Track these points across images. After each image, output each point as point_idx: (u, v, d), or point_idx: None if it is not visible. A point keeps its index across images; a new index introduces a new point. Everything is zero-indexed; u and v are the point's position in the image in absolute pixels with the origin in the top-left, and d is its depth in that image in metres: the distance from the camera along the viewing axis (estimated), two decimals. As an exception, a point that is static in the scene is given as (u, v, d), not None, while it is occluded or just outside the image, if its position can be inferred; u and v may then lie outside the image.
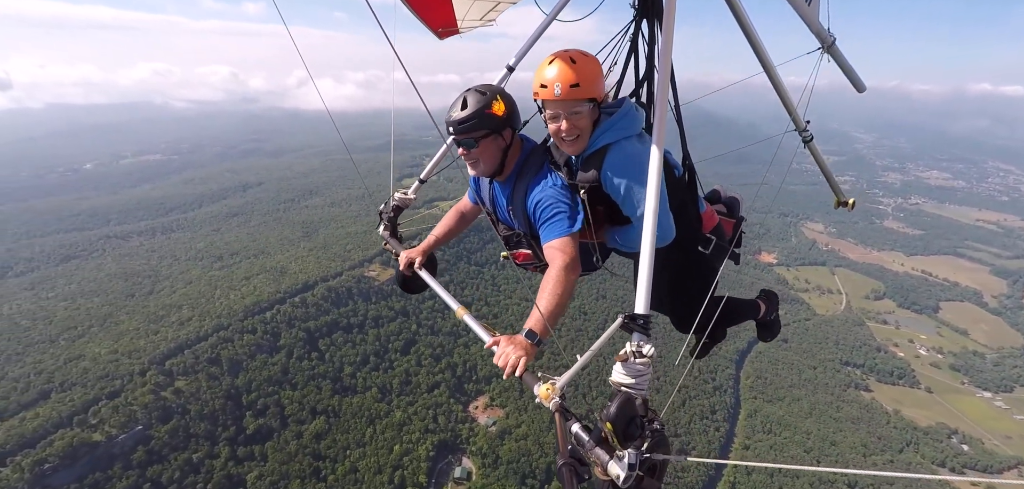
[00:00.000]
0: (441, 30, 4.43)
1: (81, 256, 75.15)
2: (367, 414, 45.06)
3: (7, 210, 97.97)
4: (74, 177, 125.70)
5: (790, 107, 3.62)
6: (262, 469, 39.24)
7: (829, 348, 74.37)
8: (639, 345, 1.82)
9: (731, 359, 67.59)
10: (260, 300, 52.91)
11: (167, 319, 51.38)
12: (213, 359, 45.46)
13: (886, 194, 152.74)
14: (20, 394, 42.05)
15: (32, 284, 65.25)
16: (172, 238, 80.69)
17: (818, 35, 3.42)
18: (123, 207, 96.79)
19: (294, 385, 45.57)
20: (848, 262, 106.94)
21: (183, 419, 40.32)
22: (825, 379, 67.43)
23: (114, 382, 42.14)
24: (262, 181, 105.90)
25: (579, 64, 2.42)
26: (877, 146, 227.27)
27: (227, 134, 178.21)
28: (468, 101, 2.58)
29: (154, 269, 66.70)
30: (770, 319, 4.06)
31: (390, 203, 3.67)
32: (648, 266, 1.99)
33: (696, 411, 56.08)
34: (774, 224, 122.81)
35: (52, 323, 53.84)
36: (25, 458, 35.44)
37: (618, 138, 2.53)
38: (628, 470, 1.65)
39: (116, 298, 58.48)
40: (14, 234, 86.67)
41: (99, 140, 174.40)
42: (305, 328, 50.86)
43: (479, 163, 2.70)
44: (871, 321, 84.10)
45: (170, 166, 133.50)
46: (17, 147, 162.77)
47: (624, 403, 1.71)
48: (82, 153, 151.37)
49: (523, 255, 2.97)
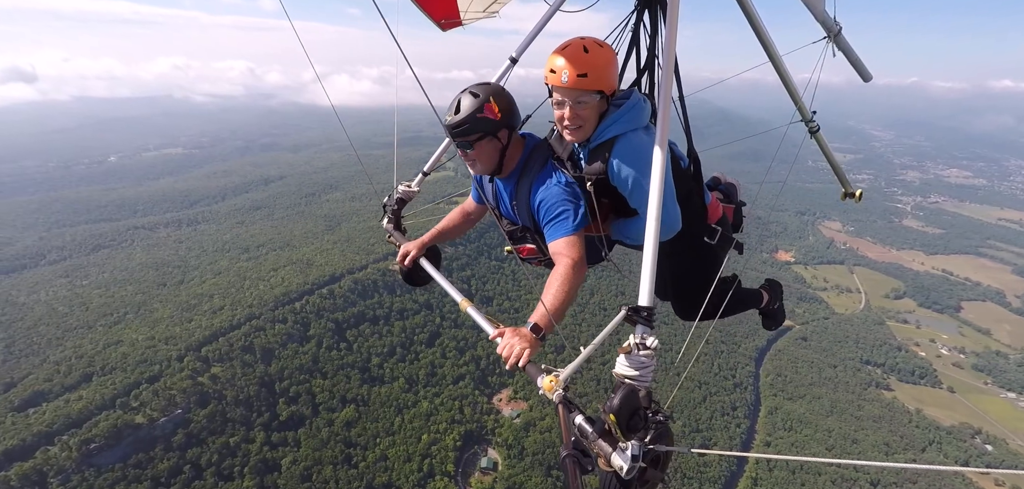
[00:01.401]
0: (444, 22, 4.38)
1: (111, 246, 77.21)
2: (395, 404, 46.07)
3: (38, 199, 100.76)
4: (99, 169, 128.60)
5: (796, 97, 3.60)
6: (296, 454, 40.41)
7: (849, 347, 74.03)
8: (643, 337, 1.84)
9: (751, 357, 67.66)
10: (289, 291, 54.15)
11: (199, 308, 52.83)
12: (247, 347, 46.74)
13: (905, 192, 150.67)
14: (63, 376, 43.75)
15: (66, 272, 67.30)
16: (198, 230, 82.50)
17: (824, 23, 3.39)
18: (149, 199, 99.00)
19: (324, 374, 46.71)
20: (867, 261, 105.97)
21: (220, 404, 41.62)
22: (845, 377, 67.22)
23: (153, 367, 43.58)
24: (283, 175, 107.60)
25: (592, 54, 2.41)
26: (895, 144, 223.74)
27: (246, 128, 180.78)
28: (462, 104, 2.57)
29: (183, 259, 68.40)
30: (773, 308, 3.99)
31: (394, 196, 3.69)
32: (651, 258, 1.99)
33: (717, 407, 56.35)
34: (791, 222, 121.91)
35: (88, 309, 55.70)
36: (72, 437, 36.96)
37: (625, 130, 2.52)
38: (631, 461, 1.64)
39: (148, 287, 60.18)
40: (45, 223, 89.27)
41: (122, 133, 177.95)
42: (333, 319, 51.99)
43: (477, 164, 2.72)
44: (891, 320, 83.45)
45: (192, 160, 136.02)
46: (44, 139, 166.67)
47: (627, 395, 1.72)
48: (107, 145, 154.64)
49: (528, 250, 2.97)
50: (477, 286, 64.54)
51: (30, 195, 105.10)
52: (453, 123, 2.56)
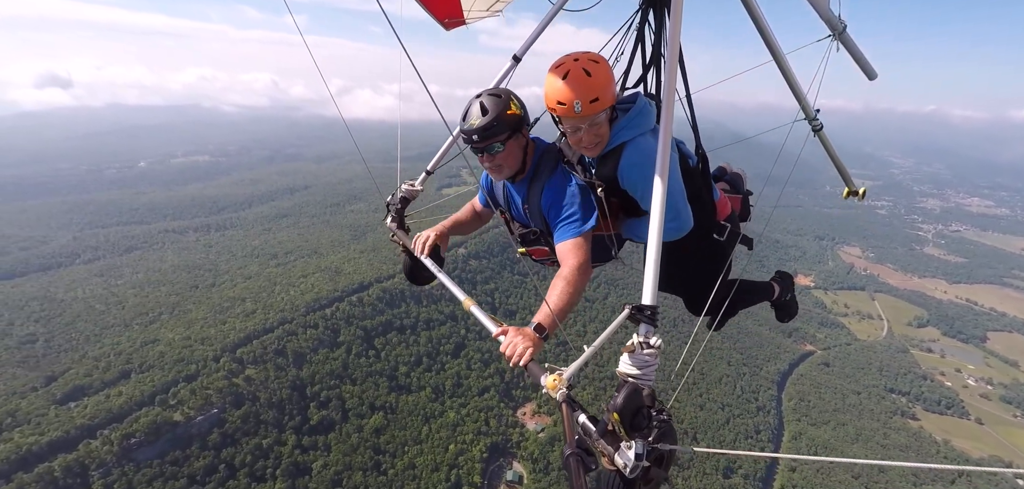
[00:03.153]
0: (447, 21, 4.38)
1: (143, 248, 79.38)
2: (422, 413, 46.56)
3: (71, 201, 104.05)
4: (130, 173, 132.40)
5: (800, 95, 3.56)
6: (326, 459, 40.98)
7: (872, 374, 73.03)
8: (646, 336, 1.84)
9: (772, 380, 67.13)
10: (320, 297, 55.26)
11: (232, 310, 54.10)
12: (279, 350, 47.74)
13: (925, 220, 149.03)
14: (102, 372, 45.03)
15: (101, 271, 69.34)
16: (226, 235, 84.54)
17: (829, 22, 3.39)
18: (178, 204, 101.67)
19: (354, 380, 47.44)
20: (888, 287, 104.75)
21: (254, 406, 42.48)
22: (870, 405, 66.25)
23: (190, 366, 44.67)
24: (308, 185, 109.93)
25: (595, 75, 2.40)
26: (915, 171, 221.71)
27: (272, 139, 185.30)
28: (487, 106, 2.56)
29: (213, 263, 70.11)
30: (785, 300, 3.98)
31: (397, 195, 3.68)
32: (655, 257, 1.99)
33: (740, 430, 55.89)
34: (810, 247, 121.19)
35: (124, 308, 57.31)
36: (113, 432, 37.96)
37: (634, 135, 2.55)
38: (635, 460, 1.64)
39: (181, 288, 61.76)
40: (79, 223, 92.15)
41: (151, 139, 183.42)
42: (362, 326, 52.88)
43: (503, 167, 2.70)
44: (915, 349, 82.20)
45: (218, 167, 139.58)
46: (77, 142, 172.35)
47: (631, 394, 1.72)
48: (136, 151, 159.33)
49: (540, 252, 2.99)
50: (500, 299, 65.20)
51: (64, 196, 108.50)
52: (484, 125, 2.52)
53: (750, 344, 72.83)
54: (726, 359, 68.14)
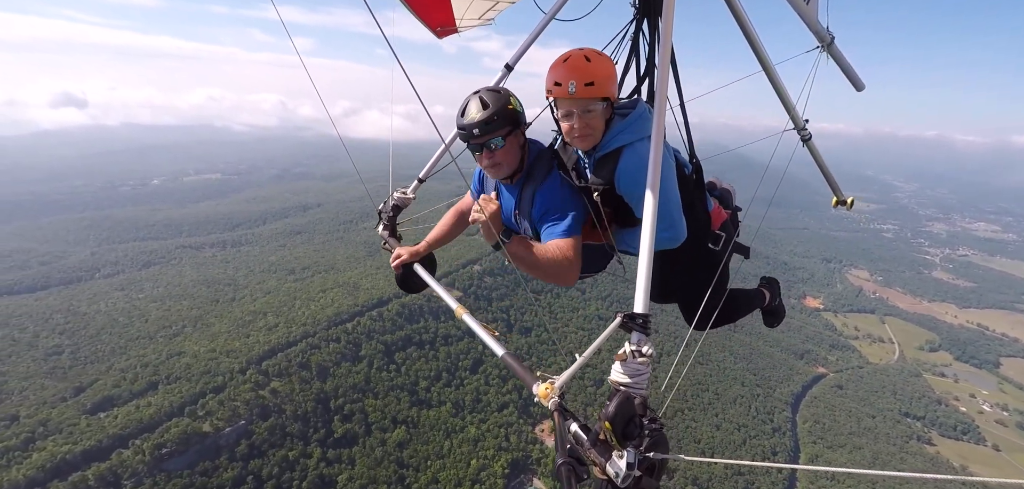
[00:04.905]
0: (439, 29, 4.40)
1: (161, 263, 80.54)
2: (444, 427, 46.91)
3: (88, 217, 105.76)
4: (144, 190, 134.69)
5: (789, 106, 3.57)
6: (351, 472, 41.27)
7: (886, 398, 72.87)
8: (638, 344, 1.82)
9: (786, 401, 67.16)
10: (340, 311, 56.09)
11: (255, 324, 54.92)
12: (303, 364, 48.39)
13: (932, 244, 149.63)
14: (130, 384, 45.71)
15: (121, 285, 70.37)
16: (242, 251, 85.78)
17: (817, 34, 3.44)
18: (193, 220, 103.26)
19: (376, 394, 47.94)
20: (897, 311, 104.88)
21: (280, 418, 42.97)
22: (885, 429, 66.05)
23: (216, 378, 45.34)
24: (320, 202, 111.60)
25: (594, 62, 2.44)
26: (919, 196, 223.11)
27: (281, 158, 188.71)
28: (487, 100, 2.55)
29: (232, 278, 71.15)
30: (775, 305, 3.98)
31: (389, 202, 3.66)
32: (647, 265, 1.99)
33: (757, 451, 55.85)
34: (818, 269, 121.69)
35: (148, 321, 58.17)
36: (145, 442, 38.48)
37: (632, 140, 2.50)
38: (626, 469, 1.63)
39: (202, 302, 62.68)
40: (96, 239, 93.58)
41: (164, 158, 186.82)
42: (382, 341, 53.57)
43: (502, 165, 2.65)
44: (927, 373, 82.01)
45: (230, 185, 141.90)
46: (92, 160, 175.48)
47: (623, 402, 1.71)
48: (150, 169, 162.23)
49: None
50: (516, 316, 65.83)
51: (80, 212, 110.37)
52: (484, 118, 2.51)
53: (763, 365, 73.04)
54: (739, 380, 68.32)
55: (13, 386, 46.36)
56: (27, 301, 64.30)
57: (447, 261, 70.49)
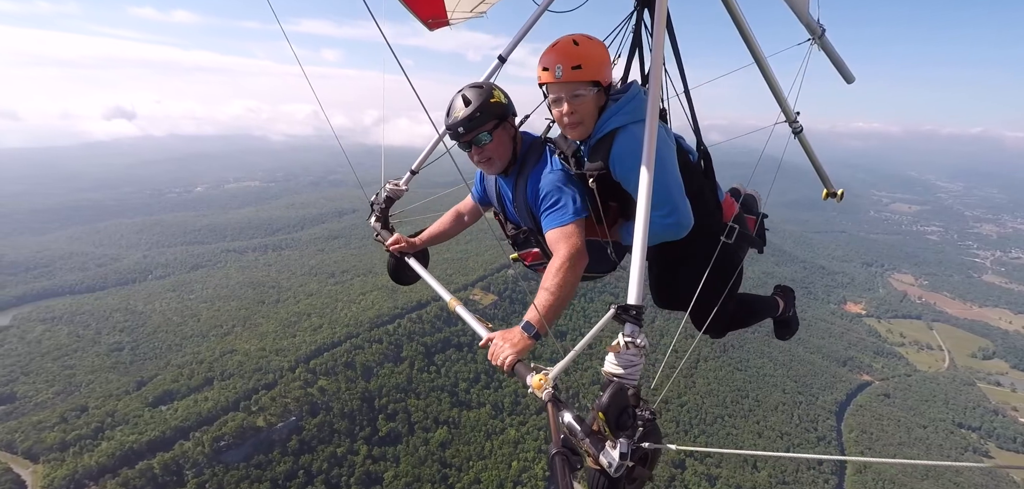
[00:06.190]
0: (431, 21, 4.36)
1: (207, 266, 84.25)
2: (484, 429, 47.49)
3: (138, 222, 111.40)
4: (188, 197, 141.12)
5: (781, 98, 3.54)
6: (396, 470, 42.29)
7: (938, 407, 69.66)
8: (632, 335, 1.81)
9: (830, 410, 65.09)
10: (381, 313, 57.56)
11: (300, 325, 56.91)
12: (349, 363, 49.91)
13: (982, 246, 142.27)
14: (187, 379, 48.08)
15: (173, 286, 73.98)
16: (283, 255, 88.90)
17: (808, 26, 3.42)
18: (236, 225, 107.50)
19: (418, 394, 48.98)
20: (946, 317, 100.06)
21: (328, 415, 44.43)
22: (938, 440, 63.15)
23: (267, 375, 47.25)
24: (355, 208, 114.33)
25: (582, 46, 2.38)
26: (966, 196, 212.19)
27: (317, 165, 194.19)
28: (469, 97, 2.52)
29: (275, 280, 73.85)
30: (788, 315, 3.77)
31: (381, 194, 3.64)
32: (640, 256, 1.97)
33: (802, 462, 54.30)
34: (858, 274, 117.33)
35: (200, 321, 61.00)
36: (205, 434, 40.45)
37: (626, 122, 2.41)
38: (619, 459, 1.63)
39: (249, 304, 65.31)
40: (147, 243, 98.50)
41: (207, 166, 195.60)
42: (423, 343, 54.69)
43: (494, 160, 2.62)
44: (982, 382, 77.93)
45: (269, 192, 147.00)
46: (141, 169, 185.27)
47: (616, 393, 1.71)
48: (194, 176, 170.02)
49: (532, 255, 2.88)
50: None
51: (131, 217, 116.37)
52: (468, 114, 2.49)
53: (803, 372, 70.98)
54: (780, 386, 66.64)
55: (81, 379, 49.50)
56: (88, 300, 68.39)
57: (482, 264, 71.38)
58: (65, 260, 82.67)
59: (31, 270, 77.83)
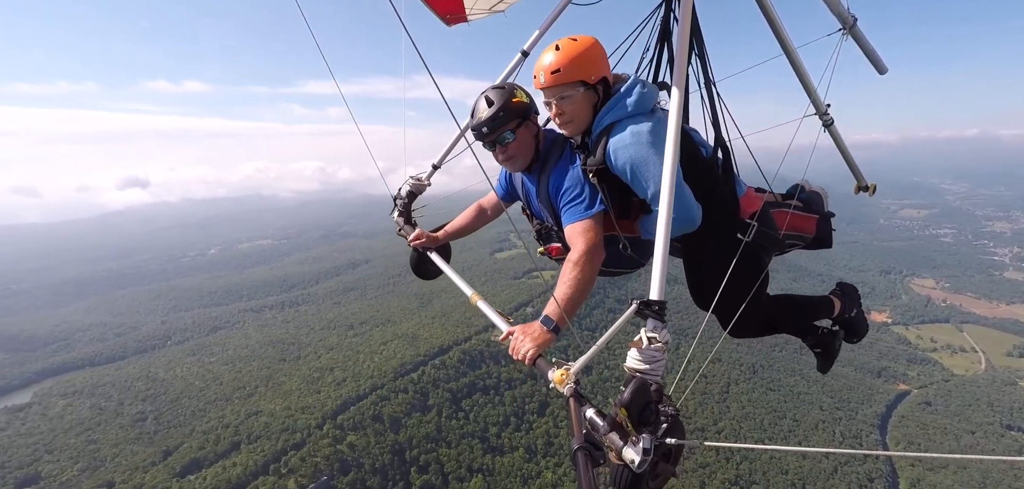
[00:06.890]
0: (449, 17, 4.32)
1: (226, 327, 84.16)
2: (519, 474, 45.93)
3: (155, 288, 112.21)
4: (203, 260, 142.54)
5: (810, 90, 3.46)
6: (434, 524, 40.75)
7: (983, 411, 67.00)
8: (654, 331, 1.81)
9: (872, 423, 62.89)
10: (404, 362, 56.89)
11: (323, 380, 56.24)
12: (376, 416, 48.94)
13: (998, 244, 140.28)
14: (214, 445, 47.18)
15: (193, 351, 73.70)
16: (300, 310, 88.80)
17: (839, 16, 3.33)
18: (251, 284, 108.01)
19: (448, 443, 47.71)
20: (975, 317, 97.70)
21: (359, 472, 43.22)
22: (989, 445, 60.41)
23: (295, 435, 46.32)
24: (368, 259, 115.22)
25: (563, 49, 2.40)
26: (972, 196, 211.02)
27: (326, 220, 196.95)
28: (492, 98, 2.58)
29: (295, 337, 73.48)
30: (850, 316, 3.48)
31: (403, 189, 3.61)
32: (663, 251, 1.97)
33: (852, 478, 52.06)
34: (877, 282, 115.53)
35: (222, 384, 60.39)
36: (237, 502, 39.34)
37: (620, 117, 2.43)
38: (643, 455, 1.62)
39: (270, 362, 64.80)
40: (165, 308, 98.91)
41: (218, 228, 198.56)
42: (448, 389, 53.73)
43: (516, 158, 2.68)
44: (1023, 380, 75.30)
45: (281, 249, 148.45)
46: (155, 235, 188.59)
47: (638, 388, 1.70)
48: (206, 239, 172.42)
49: (557, 249, 2.87)
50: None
51: (148, 285, 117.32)
52: (491, 115, 2.54)
53: (838, 386, 68.97)
54: (817, 404, 64.63)
55: (106, 453, 48.69)
56: (108, 371, 68.15)
57: (500, 303, 70.87)
58: (84, 332, 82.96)
59: (50, 344, 78.02)
